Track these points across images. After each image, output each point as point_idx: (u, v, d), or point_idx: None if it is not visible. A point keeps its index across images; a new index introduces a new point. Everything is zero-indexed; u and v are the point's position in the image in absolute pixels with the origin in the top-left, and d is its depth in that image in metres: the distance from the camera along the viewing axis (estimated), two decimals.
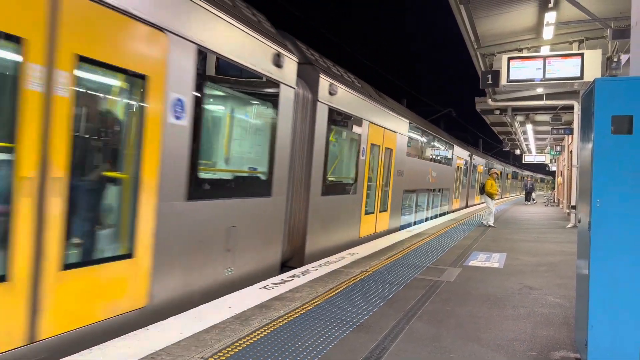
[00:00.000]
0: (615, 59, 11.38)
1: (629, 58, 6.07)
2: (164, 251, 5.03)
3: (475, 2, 10.17)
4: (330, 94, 9.15)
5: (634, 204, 3.59)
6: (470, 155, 28.30)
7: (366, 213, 11.56)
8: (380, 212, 12.65)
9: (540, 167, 64.25)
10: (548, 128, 24.28)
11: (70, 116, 3.91)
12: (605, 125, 3.67)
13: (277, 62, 7.03)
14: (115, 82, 4.67)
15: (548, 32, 11.41)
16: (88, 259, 4.26)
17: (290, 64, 7.48)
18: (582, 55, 10.95)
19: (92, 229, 4.45)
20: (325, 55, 9.90)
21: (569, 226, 15.46)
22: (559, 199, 31.77)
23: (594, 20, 10.24)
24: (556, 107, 19.14)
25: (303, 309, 5.20)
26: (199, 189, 5.57)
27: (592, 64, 10.78)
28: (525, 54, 12.64)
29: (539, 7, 10.80)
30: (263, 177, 7.08)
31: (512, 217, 19.70)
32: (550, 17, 10.53)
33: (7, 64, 3.60)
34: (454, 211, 23.57)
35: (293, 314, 5.00)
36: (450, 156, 22.30)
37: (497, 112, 20.63)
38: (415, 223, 16.50)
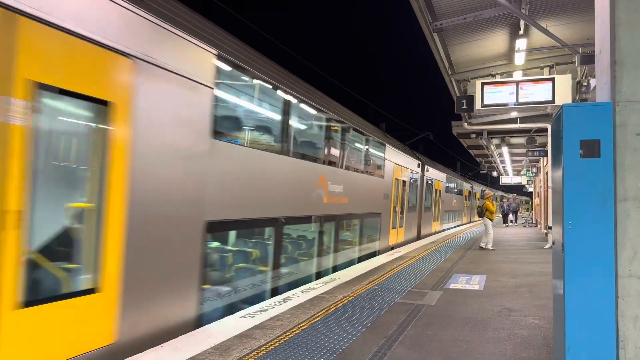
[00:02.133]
0: (585, 84, 11.75)
1: None
2: (405, 228, 17.73)
3: (449, 31, 10.44)
4: (427, 171, 20.91)
5: (604, 226, 3.68)
6: (472, 187, 41.67)
7: (434, 220, 23.78)
8: (437, 220, 24.85)
9: (517, 189, 65.19)
10: (523, 150, 24.76)
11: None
12: (574, 149, 3.78)
13: (417, 165, 18.89)
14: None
15: (519, 58, 11.75)
16: (398, 226, 17.19)
17: (419, 164, 19.31)
18: (553, 80, 11.27)
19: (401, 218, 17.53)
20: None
21: (547, 247, 15.64)
22: (536, 220, 32.21)
23: (563, 47, 10.59)
24: (530, 130, 19.57)
25: (284, 338, 5.14)
26: (408, 209, 17.91)
27: (563, 88, 11.09)
28: (498, 79, 12.96)
29: (510, 35, 11.15)
30: (416, 205, 18.97)
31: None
32: (521, 43, 10.87)
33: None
34: (464, 224, 35.02)
35: (274, 343, 4.94)
36: (461, 188, 35.16)
37: (473, 135, 21.03)
38: (445, 229, 27.29)
